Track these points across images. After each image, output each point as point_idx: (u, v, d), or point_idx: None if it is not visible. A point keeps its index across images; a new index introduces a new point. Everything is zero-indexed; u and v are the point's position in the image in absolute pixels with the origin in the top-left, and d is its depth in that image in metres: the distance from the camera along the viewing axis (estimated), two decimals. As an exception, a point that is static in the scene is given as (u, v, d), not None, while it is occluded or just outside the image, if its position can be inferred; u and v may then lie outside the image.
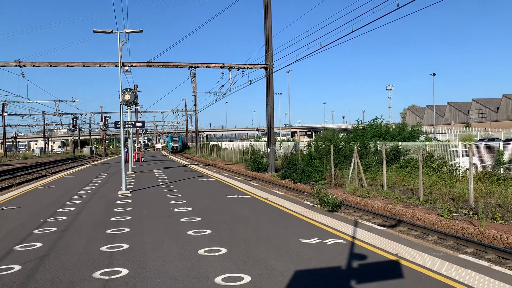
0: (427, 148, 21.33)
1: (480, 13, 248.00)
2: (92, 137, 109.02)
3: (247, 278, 6.09)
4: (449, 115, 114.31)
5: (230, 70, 28.77)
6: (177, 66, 29.05)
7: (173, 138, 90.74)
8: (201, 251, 7.56)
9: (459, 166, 19.14)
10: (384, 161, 18.17)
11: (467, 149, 15.19)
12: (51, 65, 27.34)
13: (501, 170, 17.40)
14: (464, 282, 5.71)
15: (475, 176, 15.71)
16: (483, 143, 22.94)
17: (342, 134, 38.10)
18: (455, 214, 12.76)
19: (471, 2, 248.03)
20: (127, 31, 19.01)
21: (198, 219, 10.69)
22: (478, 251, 9.71)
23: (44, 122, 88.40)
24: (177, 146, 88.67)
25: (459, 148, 20.23)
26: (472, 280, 5.79)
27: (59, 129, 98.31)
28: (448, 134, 71.58)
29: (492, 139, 43.65)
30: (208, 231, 9.19)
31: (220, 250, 7.59)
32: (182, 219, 10.68)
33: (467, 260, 6.78)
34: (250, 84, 28.42)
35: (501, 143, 19.47)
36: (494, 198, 14.04)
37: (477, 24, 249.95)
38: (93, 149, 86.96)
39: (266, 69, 28.09)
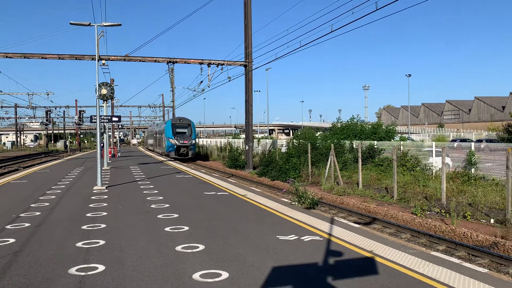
0: (401, 147, 21.78)
1: (455, 17, 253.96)
2: (67, 131, 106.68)
3: (224, 274, 6.11)
4: (423, 115, 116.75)
5: (209, 66, 28.68)
6: (155, 61, 28.75)
7: (178, 130, 40.08)
8: (178, 248, 7.54)
9: (432, 165, 19.61)
10: (360, 160, 18.45)
11: (441, 149, 15.59)
12: (24, 57, 26.66)
13: (472, 170, 17.93)
14: (436, 279, 5.89)
15: (447, 175, 16.13)
16: (456, 144, 23.55)
17: (319, 132, 38.52)
18: (428, 212, 13.10)
19: (447, 6, 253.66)
20: (105, 24, 18.68)
21: (176, 215, 10.65)
22: (449, 249, 10.00)
23: (16, 115, 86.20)
24: (187, 149, 39.55)
25: (432, 148, 20.73)
26: (443, 277, 5.97)
27: (32, 122, 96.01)
28: (422, 134, 73.25)
29: (464, 140, 44.91)
30: (186, 228, 9.17)
31: (197, 247, 7.59)
32: (159, 216, 10.61)
33: (439, 257, 6.98)
34: (229, 81, 28.41)
35: (472, 144, 20.08)
36: (465, 197, 14.45)
37: (451, 27, 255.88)
38: (67, 143, 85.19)
39: (245, 66, 28.09)
